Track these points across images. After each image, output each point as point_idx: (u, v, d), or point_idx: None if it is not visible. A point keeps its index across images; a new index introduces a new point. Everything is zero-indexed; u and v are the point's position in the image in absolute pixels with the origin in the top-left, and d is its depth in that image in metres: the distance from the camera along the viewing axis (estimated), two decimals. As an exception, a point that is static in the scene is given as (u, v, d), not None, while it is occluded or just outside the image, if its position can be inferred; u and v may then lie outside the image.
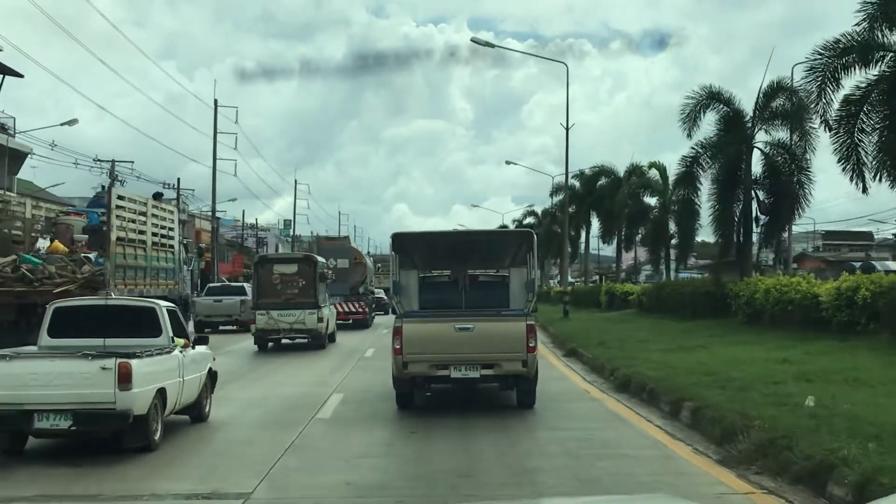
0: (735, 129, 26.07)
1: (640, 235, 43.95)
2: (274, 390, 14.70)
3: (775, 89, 25.70)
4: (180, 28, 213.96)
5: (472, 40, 37.46)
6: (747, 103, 26.50)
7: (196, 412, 10.86)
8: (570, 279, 64.33)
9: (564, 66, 37.75)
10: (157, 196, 21.95)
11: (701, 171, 27.36)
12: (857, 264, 42.68)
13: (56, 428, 8.66)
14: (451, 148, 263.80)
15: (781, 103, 25.54)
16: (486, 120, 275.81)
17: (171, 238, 21.31)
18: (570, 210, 49.26)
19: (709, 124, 26.99)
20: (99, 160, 44.90)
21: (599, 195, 46.36)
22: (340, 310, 31.39)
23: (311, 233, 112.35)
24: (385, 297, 51.32)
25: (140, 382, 8.76)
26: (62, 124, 40.20)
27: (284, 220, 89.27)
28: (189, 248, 24.83)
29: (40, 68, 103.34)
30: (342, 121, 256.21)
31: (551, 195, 54.33)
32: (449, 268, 14.13)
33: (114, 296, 17.02)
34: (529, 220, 71.57)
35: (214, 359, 11.75)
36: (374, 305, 39.20)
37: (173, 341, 10.16)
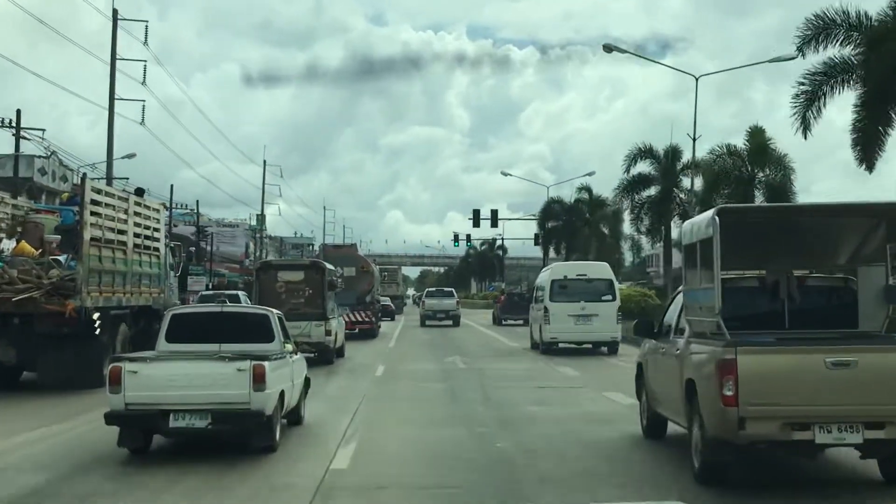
0: None
1: None
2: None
3: None
4: (175, 33, 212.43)
5: (605, 47, 32.01)
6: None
7: (295, 416, 11.41)
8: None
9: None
10: (140, 192, 19.21)
11: None
12: None
13: (192, 427, 9.28)
14: (448, 155, 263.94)
15: None
16: (483, 127, 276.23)
17: (157, 240, 18.89)
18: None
19: None
20: None
21: None
22: (347, 319, 29.97)
23: (296, 233, 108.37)
24: (391, 304, 51.85)
25: (270, 384, 9.42)
26: None
27: (257, 216, 76.74)
28: (177, 252, 22.10)
29: (31, 70, 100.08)
30: (339, 127, 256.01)
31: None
32: (765, 264, 9.53)
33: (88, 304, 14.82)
34: (643, 166, 40.36)
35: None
36: (380, 314, 38.73)
37: (284, 347, 10.82)
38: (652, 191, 40.47)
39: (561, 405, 13.86)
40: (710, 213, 8.20)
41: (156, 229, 18.69)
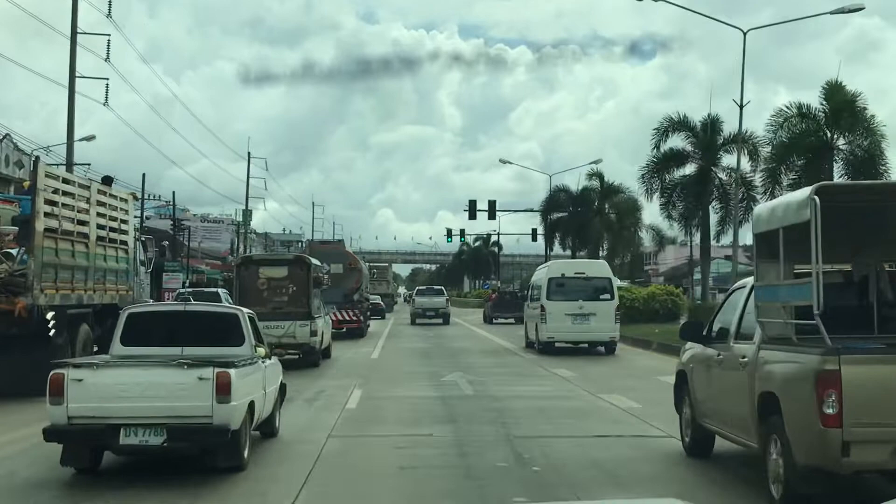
0: None
1: None
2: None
3: None
4: (165, 31, 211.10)
5: None
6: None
7: (269, 427, 10.49)
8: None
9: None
10: (108, 180, 17.72)
11: None
12: None
13: (146, 444, 8.35)
14: (438, 154, 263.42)
15: None
16: (474, 126, 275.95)
17: (125, 232, 17.45)
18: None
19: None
20: None
21: None
22: (334, 318, 28.72)
23: (284, 230, 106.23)
24: (381, 303, 50.97)
25: (237, 395, 8.48)
26: None
27: (243, 211, 71.22)
28: (148, 247, 20.62)
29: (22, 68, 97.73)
30: (330, 126, 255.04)
31: None
32: (851, 255, 7.94)
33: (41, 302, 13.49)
34: (676, 140, 35.22)
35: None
36: (368, 313, 37.46)
37: (255, 351, 9.83)
38: (687, 170, 35.26)
39: (661, 484, 8.33)
40: (804, 192, 6.79)
41: (123, 221, 17.24)
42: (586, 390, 15.71)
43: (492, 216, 54.69)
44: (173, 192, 56.45)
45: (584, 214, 49.85)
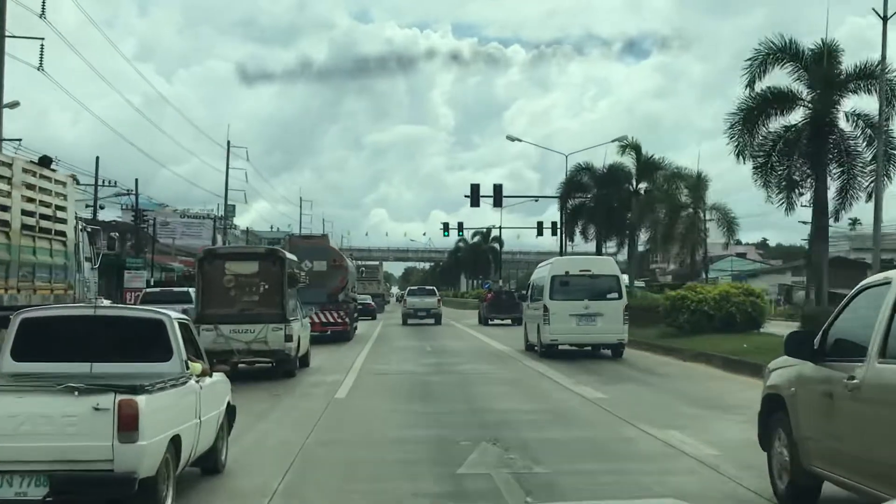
0: None
1: None
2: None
3: None
4: (155, 30, 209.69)
5: None
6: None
7: (211, 461, 8.66)
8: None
9: None
10: (46, 161, 15.27)
11: None
12: None
13: (23, 499, 6.47)
14: (432, 153, 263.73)
15: None
16: (468, 126, 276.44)
17: (62, 221, 15.13)
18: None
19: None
20: None
21: None
22: (316, 320, 26.96)
23: (272, 228, 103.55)
24: (372, 303, 49.54)
25: (150, 430, 6.54)
26: None
27: (224, 204, 65.16)
28: (95, 239, 18.26)
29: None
30: (323, 125, 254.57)
31: None
32: None
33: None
34: (779, 76, 25.61)
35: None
36: (356, 314, 35.42)
37: (187, 367, 8.01)
38: (792, 118, 24.89)
39: None
40: None
41: (60, 207, 14.89)
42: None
43: (497, 203, 48.37)
44: (136, 180, 52.59)
45: (613, 197, 41.83)
